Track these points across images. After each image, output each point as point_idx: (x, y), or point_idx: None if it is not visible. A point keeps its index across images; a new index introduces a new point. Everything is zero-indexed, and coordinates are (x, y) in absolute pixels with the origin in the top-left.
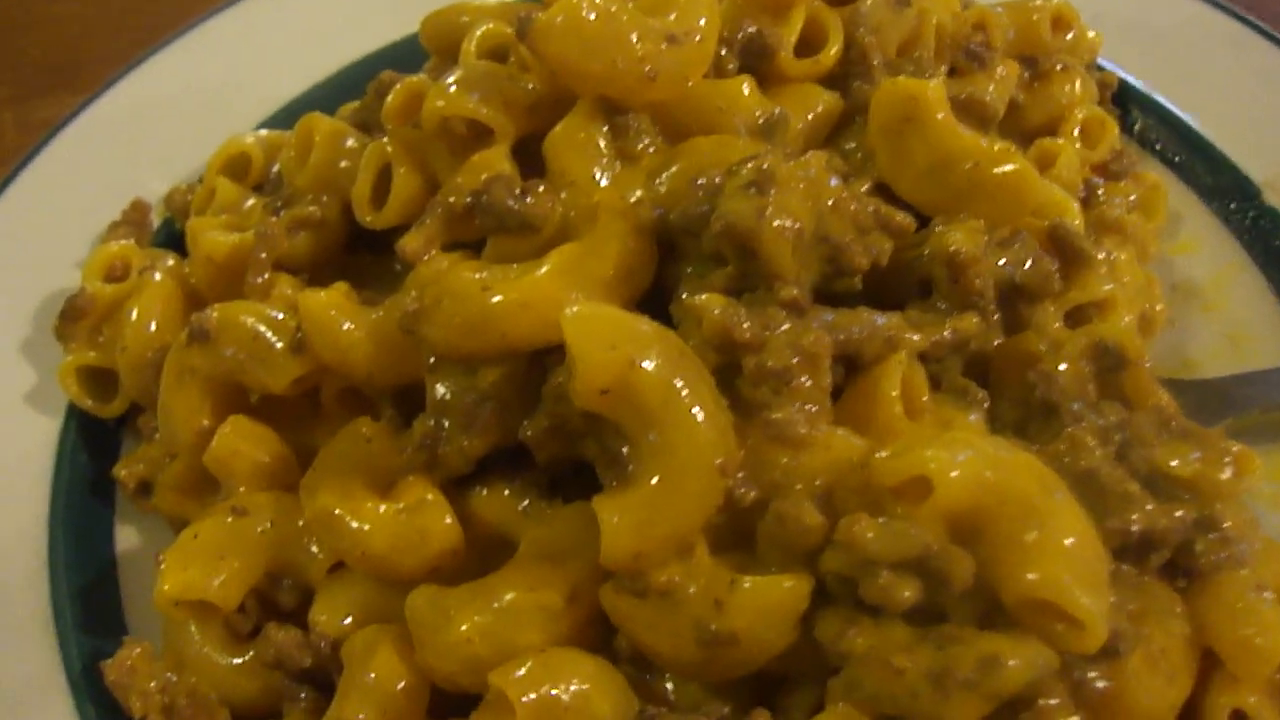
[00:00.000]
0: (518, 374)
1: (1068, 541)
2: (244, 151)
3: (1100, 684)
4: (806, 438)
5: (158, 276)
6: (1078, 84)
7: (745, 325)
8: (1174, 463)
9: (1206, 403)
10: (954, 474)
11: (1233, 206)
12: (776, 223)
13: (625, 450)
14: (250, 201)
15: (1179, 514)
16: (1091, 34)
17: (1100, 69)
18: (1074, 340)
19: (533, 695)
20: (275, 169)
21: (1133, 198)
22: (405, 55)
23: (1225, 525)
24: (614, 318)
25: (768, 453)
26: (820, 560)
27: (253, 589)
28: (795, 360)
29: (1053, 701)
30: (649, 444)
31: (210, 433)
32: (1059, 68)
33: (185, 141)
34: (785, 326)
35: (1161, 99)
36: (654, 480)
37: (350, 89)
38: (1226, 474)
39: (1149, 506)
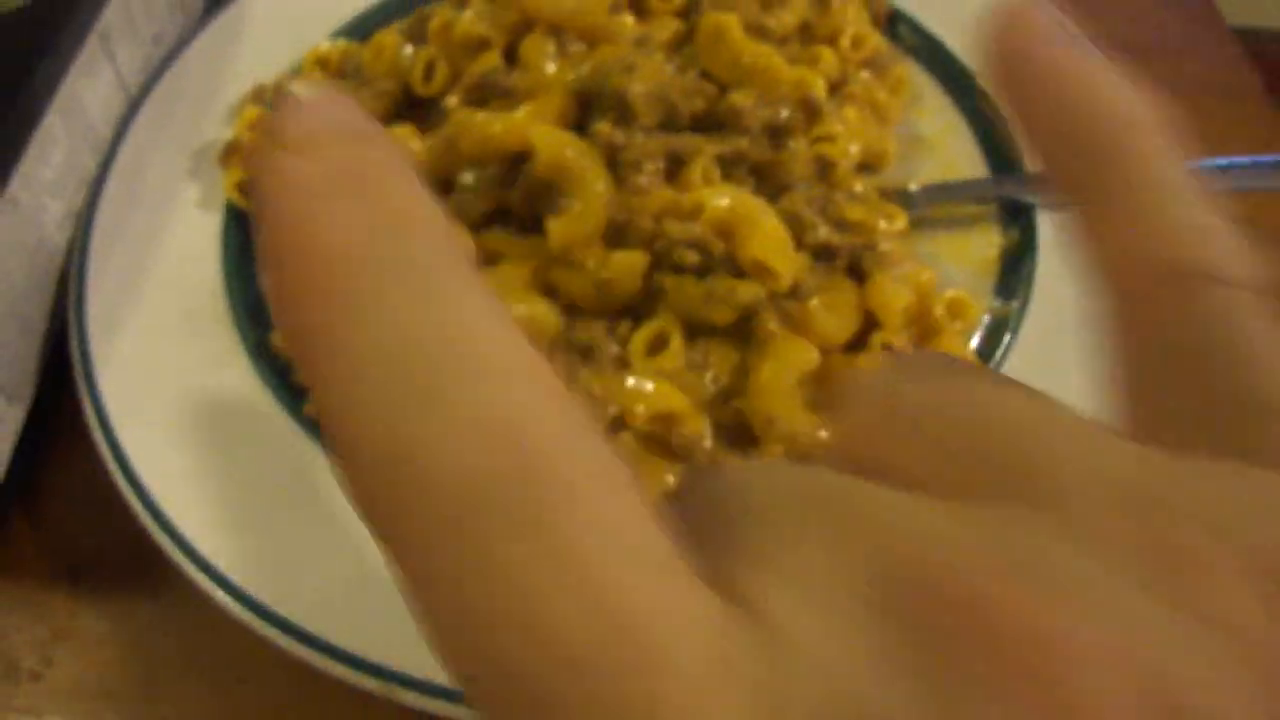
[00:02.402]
0: (504, 167)
1: (772, 233)
2: (327, 55)
3: (794, 313)
4: (650, 191)
5: None
6: (849, 10)
7: (620, 138)
8: (847, 212)
9: (903, 201)
10: (717, 202)
11: (956, 86)
12: (635, 88)
13: (561, 201)
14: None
15: (851, 239)
16: None
17: None
18: (806, 153)
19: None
20: (351, 66)
21: (871, 75)
22: None
23: (883, 249)
24: (556, 132)
25: (629, 200)
26: (654, 245)
27: None
28: (644, 154)
29: (767, 316)
30: (573, 192)
31: None
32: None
33: (275, 52)
34: (640, 139)
35: (916, 19)
36: (575, 209)
37: (395, 11)
38: (881, 221)
39: (830, 230)
